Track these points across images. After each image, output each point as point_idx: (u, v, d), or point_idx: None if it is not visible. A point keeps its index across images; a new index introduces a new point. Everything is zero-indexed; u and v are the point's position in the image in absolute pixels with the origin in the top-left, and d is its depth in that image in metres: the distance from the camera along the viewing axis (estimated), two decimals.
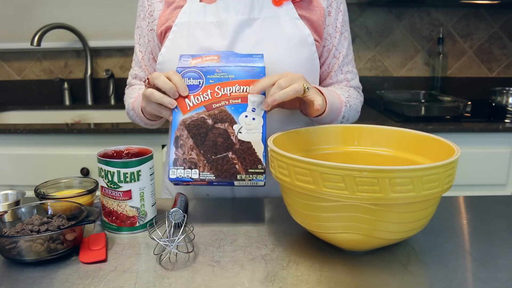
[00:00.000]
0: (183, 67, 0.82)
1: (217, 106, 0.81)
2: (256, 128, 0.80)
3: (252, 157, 0.80)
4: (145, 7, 1.01)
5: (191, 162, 0.80)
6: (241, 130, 0.80)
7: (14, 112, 2.15)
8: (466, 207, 0.91)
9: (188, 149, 0.81)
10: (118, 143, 1.70)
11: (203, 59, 0.81)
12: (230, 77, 0.80)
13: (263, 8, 0.93)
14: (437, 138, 0.77)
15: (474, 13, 2.20)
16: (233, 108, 0.80)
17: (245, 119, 0.80)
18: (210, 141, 0.80)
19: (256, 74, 0.79)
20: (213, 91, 0.80)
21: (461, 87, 2.26)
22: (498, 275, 0.65)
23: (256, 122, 0.80)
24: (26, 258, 0.67)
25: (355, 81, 1.06)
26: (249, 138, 0.80)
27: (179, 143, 0.81)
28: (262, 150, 0.80)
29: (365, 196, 0.60)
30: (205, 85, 0.81)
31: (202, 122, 0.81)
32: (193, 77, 0.81)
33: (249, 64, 0.79)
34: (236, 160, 0.80)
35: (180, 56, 0.83)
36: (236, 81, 0.79)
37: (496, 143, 1.68)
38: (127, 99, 1.06)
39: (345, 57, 1.03)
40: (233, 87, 0.80)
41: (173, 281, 0.64)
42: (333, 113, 0.93)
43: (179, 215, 0.78)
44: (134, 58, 1.09)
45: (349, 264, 0.68)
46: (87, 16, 2.18)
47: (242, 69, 0.79)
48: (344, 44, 1.02)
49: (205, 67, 0.80)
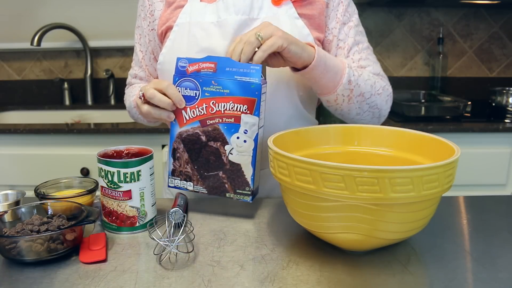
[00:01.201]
0: (181, 75, 0.82)
1: (211, 123, 0.81)
2: (247, 151, 0.81)
3: (241, 179, 0.82)
4: (145, 6, 1.01)
5: (186, 175, 0.86)
6: (232, 151, 0.81)
7: (14, 112, 2.15)
8: (466, 207, 0.91)
9: (183, 162, 0.85)
10: (118, 143, 1.70)
11: (200, 66, 0.81)
12: (225, 91, 0.79)
13: (262, 8, 0.93)
14: (437, 138, 0.77)
15: (474, 13, 2.20)
16: (226, 127, 0.81)
17: (237, 141, 0.81)
18: (203, 158, 0.84)
19: (251, 92, 0.78)
20: (208, 105, 0.81)
21: (461, 87, 2.26)
22: (498, 275, 0.65)
23: (247, 145, 0.81)
24: (26, 258, 0.67)
25: (372, 67, 0.98)
26: (239, 160, 0.82)
27: (176, 155, 0.85)
28: (251, 173, 0.81)
29: (365, 196, 0.60)
30: (200, 98, 0.81)
31: (196, 138, 0.83)
32: (190, 87, 0.81)
33: (244, 78, 0.79)
34: (226, 180, 0.83)
35: (178, 59, 0.82)
36: (230, 97, 0.79)
37: (496, 143, 1.68)
38: (128, 98, 1.06)
39: (354, 45, 0.97)
40: (228, 104, 0.80)
41: (173, 281, 0.64)
42: (329, 70, 0.86)
43: (179, 215, 0.78)
44: (134, 58, 1.09)
45: (349, 264, 0.68)
46: (87, 16, 2.18)
47: (238, 83, 0.79)
48: (349, 33, 0.97)
49: (201, 77, 0.81)
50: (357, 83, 0.90)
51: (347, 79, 0.88)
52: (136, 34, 1.06)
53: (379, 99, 0.94)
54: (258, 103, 0.79)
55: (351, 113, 0.94)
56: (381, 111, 0.97)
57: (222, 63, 0.80)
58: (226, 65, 0.79)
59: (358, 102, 0.92)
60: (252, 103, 0.79)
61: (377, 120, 0.98)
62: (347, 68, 0.89)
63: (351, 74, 0.89)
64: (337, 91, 0.89)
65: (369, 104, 0.93)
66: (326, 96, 0.91)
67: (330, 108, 0.96)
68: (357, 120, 0.97)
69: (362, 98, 0.92)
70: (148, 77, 1.07)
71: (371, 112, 0.95)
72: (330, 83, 0.88)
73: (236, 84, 0.79)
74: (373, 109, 0.95)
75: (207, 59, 0.80)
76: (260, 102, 0.79)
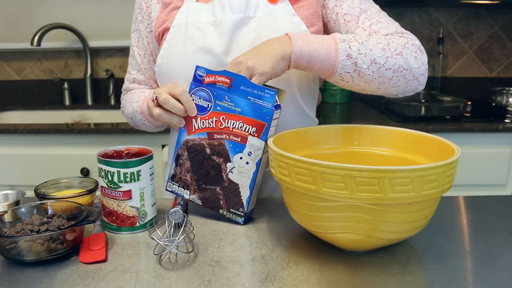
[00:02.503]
0: (198, 83, 0.82)
1: (218, 137, 0.81)
2: (247, 173, 0.80)
3: (236, 199, 0.82)
4: (142, 9, 1.01)
5: (185, 183, 0.86)
6: (232, 170, 0.81)
7: (14, 112, 2.15)
8: (466, 207, 0.91)
9: (185, 170, 0.85)
10: (118, 143, 1.70)
11: (216, 78, 0.80)
12: (237, 110, 0.79)
13: (258, 6, 0.93)
14: (437, 138, 0.77)
15: (474, 13, 2.20)
16: (231, 145, 0.80)
17: (239, 161, 0.80)
18: (204, 170, 0.84)
19: (262, 115, 0.78)
20: (218, 120, 0.81)
21: (461, 87, 2.26)
22: (498, 275, 0.65)
23: (249, 167, 0.80)
24: (26, 258, 0.67)
25: (385, 29, 0.89)
26: (238, 180, 0.81)
27: (179, 161, 0.86)
28: (247, 196, 0.81)
29: (365, 196, 0.60)
30: (212, 110, 0.81)
31: (201, 149, 0.83)
32: (204, 98, 0.81)
33: (258, 100, 0.78)
34: (222, 196, 0.83)
35: (196, 67, 0.82)
36: (241, 116, 0.79)
37: (496, 143, 1.68)
38: (128, 105, 1.04)
39: (361, 13, 0.91)
40: (237, 123, 0.79)
41: (173, 281, 0.64)
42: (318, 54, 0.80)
43: (179, 215, 0.78)
44: (131, 62, 1.07)
45: (349, 264, 0.68)
46: (87, 16, 2.18)
47: (251, 104, 0.78)
48: (353, 4, 0.92)
49: (216, 90, 0.80)
50: (360, 52, 0.81)
51: (344, 55, 0.81)
52: (134, 38, 1.05)
53: (401, 59, 0.83)
54: (267, 128, 0.78)
55: (372, 85, 0.85)
56: (413, 71, 0.85)
57: (237, 80, 0.79)
58: (241, 83, 0.78)
59: (373, 72, 0.82)
60: (261, 127, 0.78)
61: (416, 83, 0.87)
62: (340, 43, 0.81)
63: (346, 47, 0.81)
64: (337, 70, 0.81)
65: (391, 68, 0.83)
66: (331, 79, 0.85)
67: (348, 89, 0.88)
68: (391, 91, 0.87)
69: (376, 65, 0.82)
70: (148, 80, 1.06)
71: (400, 76, 0.84)
72: (325, 66, 0.82)
73: (249, 105, 0.78)
74: (400, 73, 0.84)
75: (224, 73, 0.79)
76: (269, 127, 0.78)
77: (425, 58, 0.87)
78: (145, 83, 1.07)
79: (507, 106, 1.93)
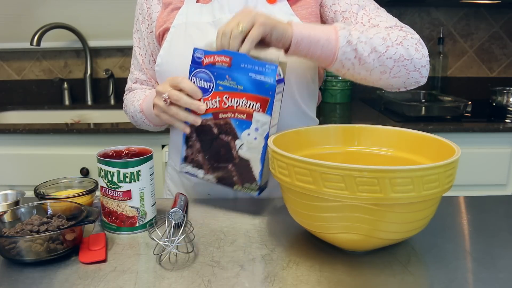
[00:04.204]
0: (197, 65, 0.82)
1: (223, 117, 0.82)
2: (257, 148, 0.81)
3: (249, 174, 0.83)
4: (143, 10, 1.02)
5: (198, 163, 0.87)
6: (242, 147, 0.82)
7: (14, 112, 2.15)
8: (466, 207, 0.91)
9: (196, 151, 0.86)
10: (118, 143, 1.70)
11: (215, 59, 0.80)
12: (239, 87, 0.79)
13: (257, 7, 0.93)
14: (438, 138, 0.77)
15: (474, 13, 2.20)
16: (237, 123, 0.81)
17: (247, 137, 0.81)
18: (214, 149, 0.84)
19: (264, 91, 0.77)
20: (221, 99, 0.81)
21: (461, 87, 2.26)
22: (498, 275, 0.65)
23: (257, 142, 0.81)
24: (26, 258, 0.67)
25: (385, 22, 0.90)
26: (248, 156, 0.82)
27: (189, 143, 0.87)
28: (259, 169, 0.82)
29: (365, 196, 0.60)
30: (214, 91, 0.81)
31: (208, 130, 0.84)
32: (204, 79, 0.81)
33: (259, 76, 0.78)
34: (235, 173, 0.84)
35: (194, 49, 0.81)
36: (244, 94, 0.79)
37: (496, 143, 1.68)
38: (130, 103, 1.05)
39: (360, 10, 0.91)
40: (241, 100, 0.79)
41: (173, 281, 0.63)
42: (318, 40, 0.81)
43: (179, 215, 0.78)
44: (134, 63, 1.08)
45: (349, 264, 0.68)
46: (87, 16, 2.18)
47: (252, 81, 0.78)
48: (351, 1, 0.92)
49: (216, 70, 0.80)
50: (360, 40, 0.81)
51: (345, 41, 0.81)
52: (135, 38, 1.06)
53: (402, 48, 0.83)
54: (271, 103, 0.78)
55: (374, 75, 0.84)
56: (414, 62, 0.84)
57: (237, 58, 0.78)
58: (241, 61, 0.78)
59: (374, 60, 0.82)
60: (265, 102, 0.78)
61: (418, 75, 0.86)
62: (340, 30, 0.81)
63: (346, 34, 0.81)
64: (337, 56, 0.81)
65: (391, 57, 0.82)
66: (331, 67, 0.84)
67: (349, 78, 0.87)
68: (392, 82, 0.87)
69: (377, 53, 0.82)
70: (149, 80, 1.07)
71: (401, 67, 0.84)
72: (325, 52, 0.81)
73: (251, 81, 0.78)
74: (401, 63, 0.83)
75: (223, 53, 0.79)
76: (273, 102, 0.78)
77: (425, 51, 0.87)
78: (147, 83, 1.08)
79: (508, 106, 1.93)
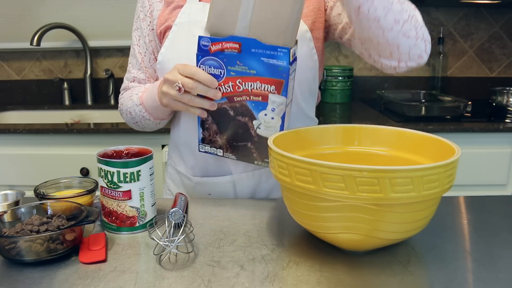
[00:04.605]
0: (204, 53, 0.81)
1: (239, 99, 0.82)
2: (275, 126, 0.82)
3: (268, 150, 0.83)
4: (145, 7, 1.01)
5: (216, 143, 0.89)
6: (259, 126, 0.83)
7: (14, 112, 2.15)
8: (466, 207, 0.91)
9: (213, 132, 0.88)
10: (118, 143, 1.70)
11: (223, 45, 0.79)
12: (252, 72, 0.79)
13: None
14: (438, 138, 0.77)
15: (474, 13, 2.20)
16: (253, 104, 0.82)
17: (265, 117, 0.82)
18: (231, 130, 0.86)
19: (278, 74, 0.77)
20: (235, 84, 0.81)
21: (461, 87, 2.26)
22: (498, 276, 0.65)
23: (275, 121, 0.82)
24: (26, 258, 0.67)
25: None
26: (267, 134, 0.84)
27: (205, 125, 0.88)
28: None
29: (365, 196, 0.60)
30: (226, 76, 0.81)
31: (224, 112, 0.85)
32: (214, 66, 0.81)
33: (271, 60, 0.77)
34: (254, 150, 0.86)
35: (199, 37, 0.81)
36: (257, 77, 0.79)
37: (496, 143, 1.68)
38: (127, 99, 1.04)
39: None
40: (255, 84, 0.80)
41: (173, 281, 0.63)
42: None
43: (179, 215, 0.78)
44: (132, 61, 1.07)
45: (349, 264, 0.68)
46: (87, 16, 2.17)
47: (265, 65, 0.78)
48: None
49: (226, 57, 0.80)
50: None
51: None
52: (135, 36, 1.05)
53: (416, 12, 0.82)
54: (286, 84, 0.78)
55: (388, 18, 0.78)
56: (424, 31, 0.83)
57: (247, 43, 0.78)
58: (252, 46, 0.78)
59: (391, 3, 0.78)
60: (280, 84, 0.78)
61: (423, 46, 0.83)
62: None
63: None
64: None
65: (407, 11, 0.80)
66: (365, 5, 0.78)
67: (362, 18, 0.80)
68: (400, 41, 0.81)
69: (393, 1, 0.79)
70: (148, 79, 1.06)
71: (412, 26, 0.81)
72: None
73: (263, 65, 0.78)
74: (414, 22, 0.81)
75: (231, 39, 0.79)
76: (288, 83, 0.79)
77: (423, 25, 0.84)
78: (145, 81, 1.07)
79: (508, 106, 1.93)
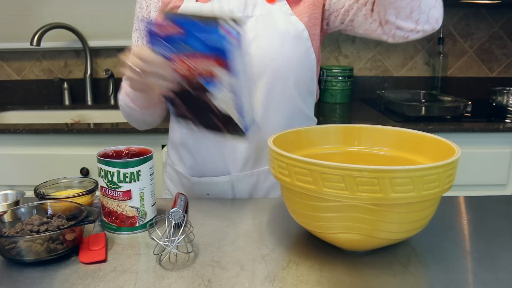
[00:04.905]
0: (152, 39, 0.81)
1: (192, 78, 0.82)
2: (228, 101, 0.81)
3: (231, 122, 0.84)
4: (143, 8, 1.02)
5: (187, 117, 0.91)
6: (217, 99, 0.83)
7: (14, 112, 2.15)
8: (466, 207, 0.91)
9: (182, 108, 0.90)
10: (118, 143, 1.70)
11: (168, 30, 0.80)
12: (197, 53, 0.79)
13: (256, 6, 0.94)
14: (438, 138, 0.77)
15: (474, 13, 2.20)
16: (205, 81, 0.81)
17: (218, 92, 0.81)
18: (195, 105, 0.87)
19: (222, 53, 0.77)
20: (184, 64, 0.81)
21: (461, 87, 2.26)
22: (498, 276, 0.65)
23: (227, 96, 0.81)
24: (26, 258, 0.67)
25: None
26: (224, 107, 0.83)
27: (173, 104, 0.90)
28: (237, 117, 0.82)
29: (365, 196, 0.60)
30: (175, 58, 0.81)
31: (184, 90, 0.85)
32: (163, 48, 0.81)
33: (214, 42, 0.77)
34: (220, 123, 0.86)
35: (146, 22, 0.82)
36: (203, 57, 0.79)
37: (496, 143, 1.68)
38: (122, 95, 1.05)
39: None
40: (201, 63, 0.79)
41: (173, 281, 0.63)
42: None
43: (179, 215, 0.78)
44: None
45: (349, 264, 0.68)
46: (87, 16, 2.17)
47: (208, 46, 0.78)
48: None
49: (170, 40, 0.80)
50: None
51: None
52: (134, 37, 1.05)
53: None
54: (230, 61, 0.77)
55: None
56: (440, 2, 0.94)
57: (188, 26, 0.78)
58: (193, 28, 0.78)
59: None
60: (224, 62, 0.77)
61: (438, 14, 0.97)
62: None
63: None
64: None
65: None
66: None
67: None
68: None
69: None
70: None
71: None
72: None
73: (206, 46, 0.78)
74: None
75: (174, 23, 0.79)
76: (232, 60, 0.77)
77: None
78: None
79: (508, 106, 1.93)
